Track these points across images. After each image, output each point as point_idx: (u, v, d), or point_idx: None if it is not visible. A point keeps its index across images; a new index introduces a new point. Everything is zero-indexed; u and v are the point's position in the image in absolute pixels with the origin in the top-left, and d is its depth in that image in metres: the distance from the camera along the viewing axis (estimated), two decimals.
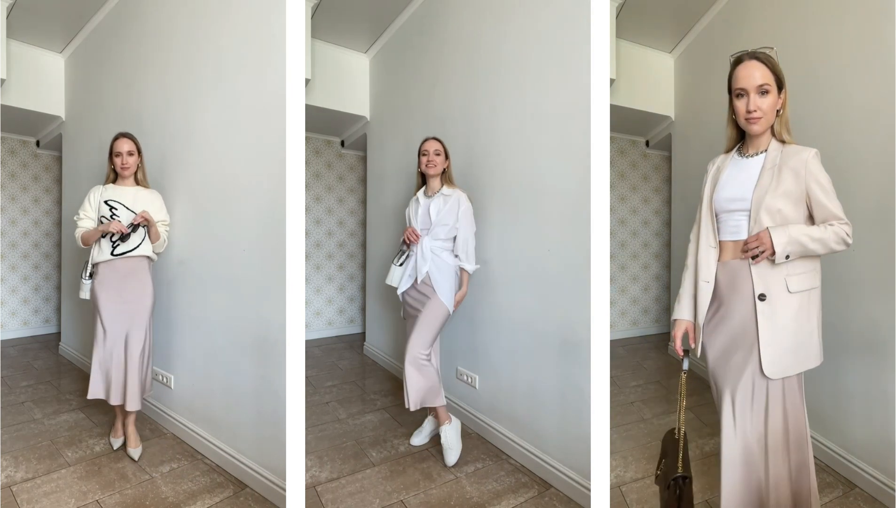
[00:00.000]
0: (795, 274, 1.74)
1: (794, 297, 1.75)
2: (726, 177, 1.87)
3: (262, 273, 2.60)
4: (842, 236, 1.73)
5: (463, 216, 2.90)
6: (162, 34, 3.34)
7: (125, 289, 2.88)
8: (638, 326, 5.47)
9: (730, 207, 1.84)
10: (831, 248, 1.74)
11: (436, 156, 2.93)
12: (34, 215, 5.44)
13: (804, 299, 1.77)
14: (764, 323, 1.74)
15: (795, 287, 1.74)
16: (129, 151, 2.91)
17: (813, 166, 1.75)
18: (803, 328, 1.77)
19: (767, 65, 1.78)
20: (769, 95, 1.77)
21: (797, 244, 1.70)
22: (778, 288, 1.74)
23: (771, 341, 1.74)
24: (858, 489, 2.63)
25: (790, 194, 1.75)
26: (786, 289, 1.74)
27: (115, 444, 2.95)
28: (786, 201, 1.76)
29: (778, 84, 1.79)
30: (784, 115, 1.83)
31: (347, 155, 5.57)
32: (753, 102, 1.76)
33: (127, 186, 2.95)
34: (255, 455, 2.66)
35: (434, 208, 2.92)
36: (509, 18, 3.02)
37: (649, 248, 5.49)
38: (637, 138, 5.34)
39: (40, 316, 5.52)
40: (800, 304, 1.76)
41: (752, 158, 1.84)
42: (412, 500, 2.56)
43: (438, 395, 2.85)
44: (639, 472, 2.78)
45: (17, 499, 2.48)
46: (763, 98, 1.76)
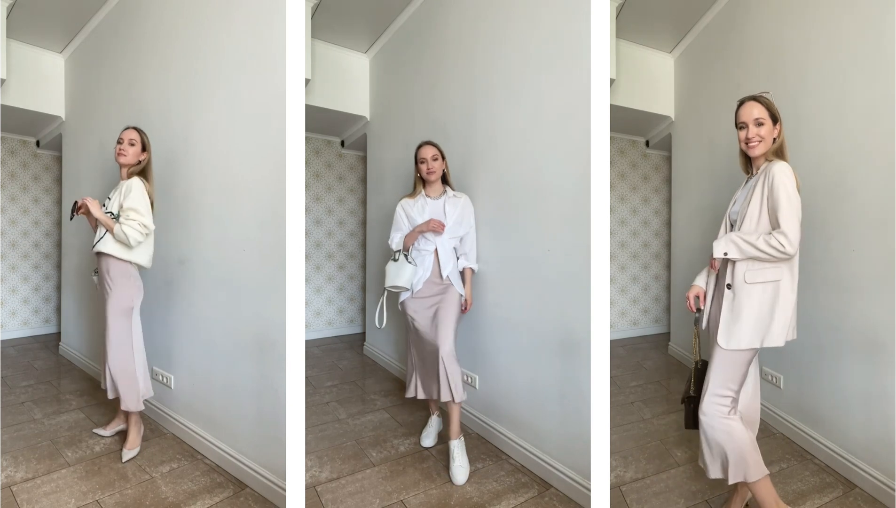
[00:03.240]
0: (751, 270, 2.12)
1: (753, 287, 2.12)
2: (737, 195, 2.31)
3: (262, 273, 2.60)
4: (773, 243, 2.04)
5: (471, 217, 3.06)
6: (162, 34, 3.34)
7: (101, 285, 2.91)
8: (638, 326, 5.47)
9: (733, 218, 2.25)
10: (763, 251, 2.06)
11: (434, 162, 2.96)
12: (34, 215, 5.44)
13: (764, 290, 2.12)
14: (726, 305, 2.15)
15: (750, 279, 2.12)
16: (131, 140, 2.89)
17: (776, 179, 2.07)
18: (761, 312, 2.11)
19: (763, 104, 2.16)
20: (764, 126, 2.15)
21: (732, 245, 2.11)
22: (739, 279, 2.14)
23: (727, 319, 2.14)
24: (858, 489, 2.63)
25: (764, 203, 2.12)
26: (743, 280, 2.13)
27: (104, 432, 3.07)
28: (762, 209, 2.12)
29: (773, 118, 2.17)
30: (779, 141, 2.18)
31: (347, 155, 5.57)
32: (751, 131, 2.16)
33: (123, 178, 2.93)
34: (255, 455, 2.66)
35: (450, 209, 2.98)
36: (509, 18, 3.02)
37: (649, 248, 5.49)
38: (637, 138, 5.34)
39: (40, 316, 5.52)
40: (760, 293, 2.11)
41: (752, 178, 2.24)
42: (412, 500, 2.56)
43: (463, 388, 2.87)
44: (639, 472, 2.78)
45: (17, 499, 2.48)
46: (759, 128, 2.15)
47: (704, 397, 2.16)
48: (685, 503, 2.54)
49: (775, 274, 2.11)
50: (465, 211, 3.02)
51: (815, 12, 2.98)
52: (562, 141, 2.65)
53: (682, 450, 2.99)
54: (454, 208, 2.99)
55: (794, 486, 2.66)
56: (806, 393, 3.01)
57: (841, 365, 2.78)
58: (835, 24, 2.85)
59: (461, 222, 3.01)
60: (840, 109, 2.79)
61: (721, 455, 2.15)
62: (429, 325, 2.88)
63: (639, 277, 5.46)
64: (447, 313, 2.87)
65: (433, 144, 3.00)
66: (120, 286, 2.85)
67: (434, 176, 2.98)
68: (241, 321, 2.75)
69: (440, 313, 2.87)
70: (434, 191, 3.02)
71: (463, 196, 3.05)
